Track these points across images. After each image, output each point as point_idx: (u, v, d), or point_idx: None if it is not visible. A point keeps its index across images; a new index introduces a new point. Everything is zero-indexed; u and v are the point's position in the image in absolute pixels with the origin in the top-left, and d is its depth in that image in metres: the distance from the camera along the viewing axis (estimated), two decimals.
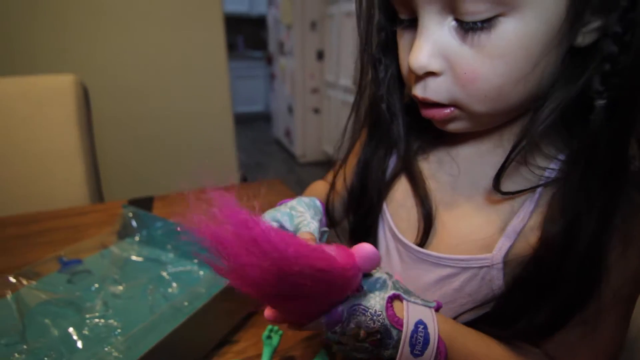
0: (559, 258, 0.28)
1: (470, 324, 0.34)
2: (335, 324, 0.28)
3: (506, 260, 0.32)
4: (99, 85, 1.36)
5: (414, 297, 0.31)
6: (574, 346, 0.32)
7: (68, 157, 0.93)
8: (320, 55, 2.89)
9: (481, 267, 0.34)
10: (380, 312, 0.28)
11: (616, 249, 0.28)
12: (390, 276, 0.31)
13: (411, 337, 0.28)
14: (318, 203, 0.38)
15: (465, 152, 0.37)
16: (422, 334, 0.28)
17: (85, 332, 0.46)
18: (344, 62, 2.53)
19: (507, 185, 0.32)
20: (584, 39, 0.26)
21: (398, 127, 0.39)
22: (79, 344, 0.44)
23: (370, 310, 0.28)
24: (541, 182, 0.31)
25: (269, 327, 0.41)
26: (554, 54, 0.27)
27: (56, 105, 0.93)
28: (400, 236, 0.39)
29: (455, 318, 0.35)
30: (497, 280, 0.33)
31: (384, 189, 0.42)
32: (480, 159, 0.36)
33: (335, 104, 2.74)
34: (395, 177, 0.41)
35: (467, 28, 0.27)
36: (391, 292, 0.29)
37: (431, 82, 0.30)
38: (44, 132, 0.92)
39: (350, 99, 2.48)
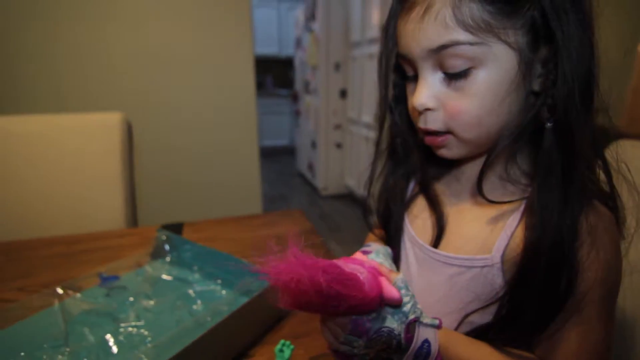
0: (537, 261, 0.35)
1: (474, 332, 0.40)
2: (359, 335, 0.36)
3: (504, 260, 0.39)
4: (139, 121, 1.50)
5: (425, 319, 0.37)
6: (563, 352, 0.36)
7: (110, 186, 1.04)
8: (343, 94, 3.03)
9: (483, 267, 0.40)
10: (399, 333, 0.36)
11: (586, 253, 0.34)
12: (413, 299, 0.38)
13: (417, 351, 0.36)
14: (389, 250, 0.49)
15: (467, 173, 0.46)
16: (426, 350, 0.36)
17: (120, 338, 0.51)
18: (365, 100, 2.64)
19: (496, 197, 0.40)
20: (537, 85, 0.36)
21: (414, 159, 0.50)
22: (114, 349, 0.50)
23: (394, 332, 0.36)
24: (519, 196, 0.39)
25: (282, 341, 0.45)
26: (517, 94, 0.36)
27: (104, 139, 1.05)
28: (417, 239, 0.48)
29: (463, 319, 0.41)
30: (497, 279, 0.39)
31: (405, 208, 0.51)
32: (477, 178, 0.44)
33: (357, 139, 2.83)
34: (413, 197, 0.51)
35: (451, 77, 0.37)
36: (412, 317, 0.37)
37: (429, 116, 0.40)
38: (91, 162, 1.04)
39: (371, 134, 2.55)
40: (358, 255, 0.43)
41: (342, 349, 0.38)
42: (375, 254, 0.47)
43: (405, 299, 0.37)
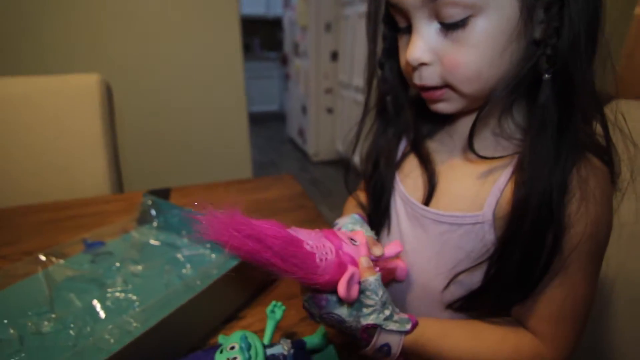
0: (522, 218, 0.34)
1: (463, 298, 0.40)
2: (316, 307, 0.36)
3: (495, 217, 0.38)
4: (121, 84, 1.43)
5: (392, 323, 0.36)
6: (546, 312, 0.36)
7: (93, 151, 1.00)
8: (334, 56, 2.93)
9: (475, 224, 0.39)
10: (354, 329, 0.35)
11: (575, 207, 0.33)
12: (383, 306, 0.35)
13: (374, 352, 0.36)
14: (357, 217, 0.48)
15: (460, 130, 0.44)
16: (385, 352, 0.36)
17: (108, 304, 0.50)
18: (357, 62, 2.56)
19: (488, 152, 0.38)
20: (538, 33, 0.33)
21: (406, 117, 0.48)
22: (102, 314, 0.49)
23: (346, 323, 0.35)
24: (512, 151, 0.38)
25: (273, 302, 0.45)
26: (518, 43, 0.34)
27: (82, 102, 1.00)
28: (409, 197, 0.46)
29: (453, 278, 0.41)
30: (489, 235, 0.38)
31: (396, 167, 0.50)
32: None
33: (349, 104, 2.77)
34: (405, 156, 0.49)
35: (448, 28, 0.34)
36: (369, 323, 0.35)
37: (424, 71, 0.38)
38: (72, 126, 0.99)
39: (363, 98, 2.52)
40: (351, 234, 0.40)
41: (306, 307, 0.38)
42: (351, 219, 0.47)
43: (369, 302, 0.35)
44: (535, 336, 0.37)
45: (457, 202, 0.41)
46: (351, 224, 0.45)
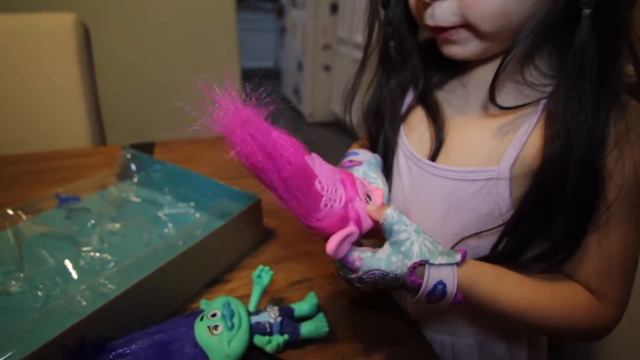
0: (560, 173, 0.30)
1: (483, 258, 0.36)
2: (352, 271, 0.31)
3: (513, 174, 0.34)
4: (102, 29, 1.32)
5: (440, 257, 0.31)
6: (594, 264, 0.33)
7: (69, 98, 0.92)
8: (334, 9, 2.75)
9: (488, 179, 0.35)
10: (401, 276, 0.31)
11: (617, 155, 0.30)
12: (418, 232, 0.31)
13: (428, 294, 0.31)
14: (379, 159, 0.43)
15: (475, 78, 0.39)
16: (440, 292, 0.31)
17: (81, 264, 0.47)
18: (358, 17, 2.40)
19: (509, 102, 0.34)
20: None
21: (414, 64, 0.42)
22: (74, 275, 0.45)
23: (390, 274, 0.31)
24: (536, 98, 0.33)
25: (260, 267, 0.41)
26: None
27: (56, 45, 0.91)
28: (414, 152, 0.42)
29: (460, 241, 0.37)
30: (503, 194, 0.34)
31: (400, 120, 0.45)
32: (487, 83, 0.36)
33: (347, 62, 2.64)
34: (411, 108, 0.44)
35: None
36: (417, 260, 0.30)
37: (438, 8, 0.33)
38: (44, 71, 0.90)
39: None
40: (370, 189, 0.35)
41: (342, 275, 0.33)
42: (368, 164, 0.41)
43: (403, 235, 0.30)
44: (588, 291, 0.34)
45: (469, 157, 0.37)
46: (370, 170, 0.40)
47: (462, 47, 0.35)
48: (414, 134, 0.44)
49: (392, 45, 0.43)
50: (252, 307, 0.39)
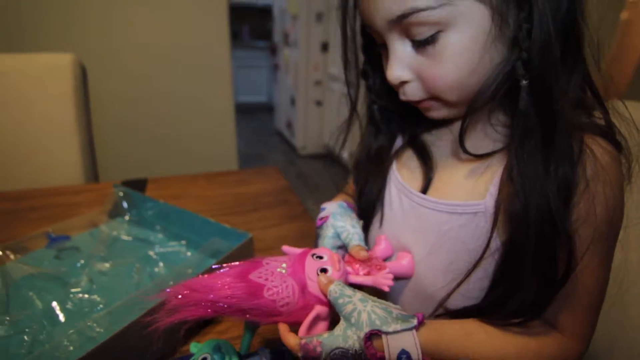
0: (529, 229, 0.31)
1: (468, 311, 0.37)
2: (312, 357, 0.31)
3: (496, 207, 0.35)
4: (99, 67, 1.35)
5: (394, 322, 0.31)
6: (560, 303, 0.34)
7: (64, 136, 0.93)
8: (324, 47, 2.87)
9: (475, 213, 0.37)
10: (360, 351, 0.30)
11: (586, 202, 0.31)
12: (364, 301, 0.32)
13: None
14: (346, 205, 0.47)
15: (458, 125, 0.41)
16: None
17: (69, 306, 0.46)
18: None
19: (483, 147, 0.38)
20: (513, 34, 0.31)
21: (396, 124, 0.47)
22: (61, 317, 0.44)
23: (350, 351, 0.30)
24: (503, 146, 0.37)
25: None
26: (496, 47, 0.32)
27: (53, 83, 0.93)
28: (405, 185, 0.44)
29: (455, 288, 0.38)
30: (488, 227, 0.36)
31: (390, 162, 0.47)
32: (471, 128, 0.39)
33: (338, 97, 2.72)
34: (402, 147, 0.48)
35: (419, 44, 0.33)
36: (367, 330, 0.30)
37: (407, 88, 0.37)
38: (40, 109, 0.92)
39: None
40: (314, 266, 0.36)
41: None
42: (333, 216, 0.44)
43: (349, 307, 0.31)
44: (554, 328, 0.35)
45: (457, 191, 0.39)
46: (340, 215, 0.44)
47: (437, 112, 0.39)
48: (405, 170, 0.46)
49: (375, 108, 0.47)
50: (243, 349, 0.39)
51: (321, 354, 0.30)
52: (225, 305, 0.32)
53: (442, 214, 0.39)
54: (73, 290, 0.48)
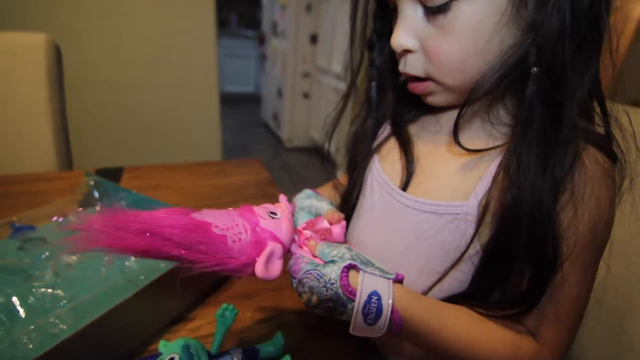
0: (515, 223, 0.31)
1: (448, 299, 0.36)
2: (294, 273, 0.32)
3: (480, 212, 0.34)
4: (77, 50, 1.30)
5: (372, 269, 0.32)
6: (543, 309, 0.33)
7: (36, 119, 0.89)
8: (313, 39, 2.83)
9: (457, 214, 0.35)
10: (334, 281, 0.30)
11: (568, 208, 0.31)
12: (350, 249, 0.33)
13: (364, 307, 0.29)
14: (310, 191, 0.44)
15: (447, 115, 0.41)
16: (375, 305, 0.30)
17: (31, 301, 0.43)
18: (337, 47, 2.48)
19: (478, 143, 0.36)
20: (530, 15, 0.29)
21: (388, 100, 0.45)
22: (22, 313, 0.42)
23: (324, 277, 0.30)
24: (502, 140, 0.35)
25: (224, 305, 0.40)
26: (508, 30, 0.31)
27: (26, 64, 0.88)
28: (387, 180, 0.42)
29: (435, 283, 0.37)
30: (470, 229, 0.35)
31: (375, 149, 0.46)
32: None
33: (326, 90, 2.70)
34: (386, 138, 0.46)
35: (431, 12, 0.32)
36: (347, 262, 0.31)
37: (409, 58, 0.36)
38: (12, 91, 0.87)
39: (341, 85, 2.44)
40: (271, 206, 0.36)
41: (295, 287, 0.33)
42: (298, 201, 0.42)
43: (334, 251, 0.32)
44: (532, 334, 0.34)
45: (439, 190, 0.38)
46: (305, 198, 0.42)
47: (433, 97, 0.38)
48: (385, 162, 0.44)
49: (373, 85, 0.45)
50: (214, 349, 0.38)
51: (300, 270, 0.31)
52: (168, 237, 0.27)
53: (422, 213, 0.38)
54: (36, 283, 0.46)
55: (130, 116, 1.53)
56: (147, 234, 0.27)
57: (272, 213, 0.34)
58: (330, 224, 0.38)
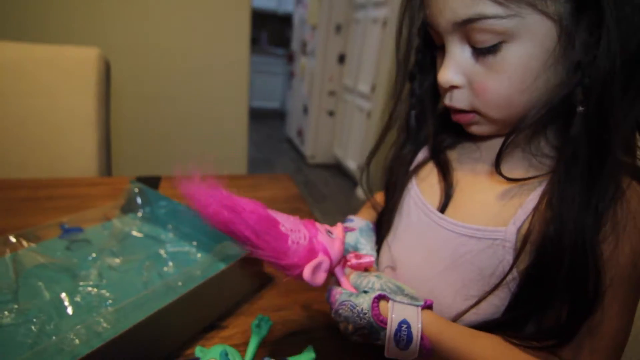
0: (556, 255, 0.31)
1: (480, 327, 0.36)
2: (331, 304, 0.35)
3: (519, 239, 0.34)
4: (120, 64, 1.38)
5: (402, 297, 0.34)
6: (580, 342, 0.32)
7: (83, 128, 0.95)
8: (341, 59, 2.90)
9: (495, 240, 0.36)
10: (366, 311, 0.32)
11: (609, 241, 0.31)
12: (380, 277, 0.35)
13: (395, 335, 0.31)
14: (372, 226, 0.49)
15: (488, 143, 0.41)
16: (406, 332, 0.32)
17: (77, 299, 0.46)
18: (364, 67, 2.53)
19: (518, 173, 0.36)
20: (578, 56, 0.30)
21: (428, 128, 0.47)
22: (69, 310, 0.44)
23: (357, 307, 0.33)
24: (543, 171, 0.35)
25: (259, 316, 0.41)
26: (555, 69, 0.32)
27: (79, 76, 0.95)
28: (424, 201, 0.44)
29: (470, 307, 0.37)
30: (508, 256, 0.35)
31: (413, 172, 0.48)
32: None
33: (351, 109, 2.74)
34: (424, 162, 0.48)
35: (479, 52, 0.33)
36: (377, 293, 0.33)
37: (455, 93, 0.37)
38: (64, 100, 0.94)
39: (366, 105, 2.45)
40: (330, 228, 0.38)
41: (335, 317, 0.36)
42: (360, 231, 0.46)
43: (364, 282, 0.35)
44: None
45: (477, 215, 0.38)
46: (362, 236, 0.46)
47: (479, 127, 0.39)
48: (424, 185, 0.45)
49: (412, 114, 0.47)
50: (249, 357, 0.39)
51: (336, 301, 0.34)
52: (245, 218, 0.31)
53: (460, 236, 0.38)
54: (82, 283, 0.49)
55: (165, 128, 1.59)
56: (230, 211, 0.31)
57: (329, 232, 0.36)
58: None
